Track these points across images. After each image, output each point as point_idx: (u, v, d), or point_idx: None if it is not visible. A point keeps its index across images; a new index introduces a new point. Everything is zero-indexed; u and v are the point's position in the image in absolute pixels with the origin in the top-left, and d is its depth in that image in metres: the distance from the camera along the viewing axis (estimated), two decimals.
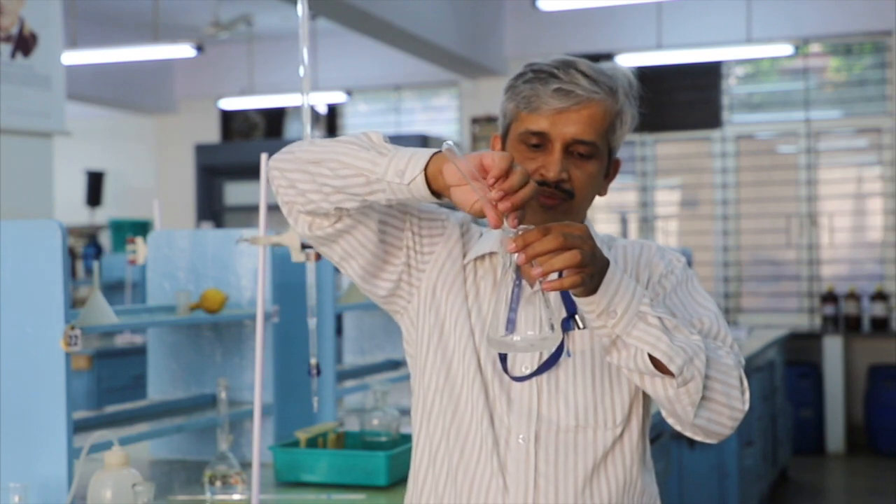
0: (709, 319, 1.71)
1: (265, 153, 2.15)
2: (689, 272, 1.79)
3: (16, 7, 5.33)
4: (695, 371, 1.58)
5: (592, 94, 1.72)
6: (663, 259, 1.78)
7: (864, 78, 8.43)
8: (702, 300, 1.75)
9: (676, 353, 1.55)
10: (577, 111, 1.72)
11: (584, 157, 1.73)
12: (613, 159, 1.81)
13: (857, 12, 8.10)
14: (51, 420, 2.28)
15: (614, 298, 1.53)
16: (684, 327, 1.59)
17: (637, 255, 1.80)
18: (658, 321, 1.55)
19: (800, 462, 7.68)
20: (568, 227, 1.47)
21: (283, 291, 3.04)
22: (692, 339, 1.59)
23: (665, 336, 1.55)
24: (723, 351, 1.65)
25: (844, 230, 8.50)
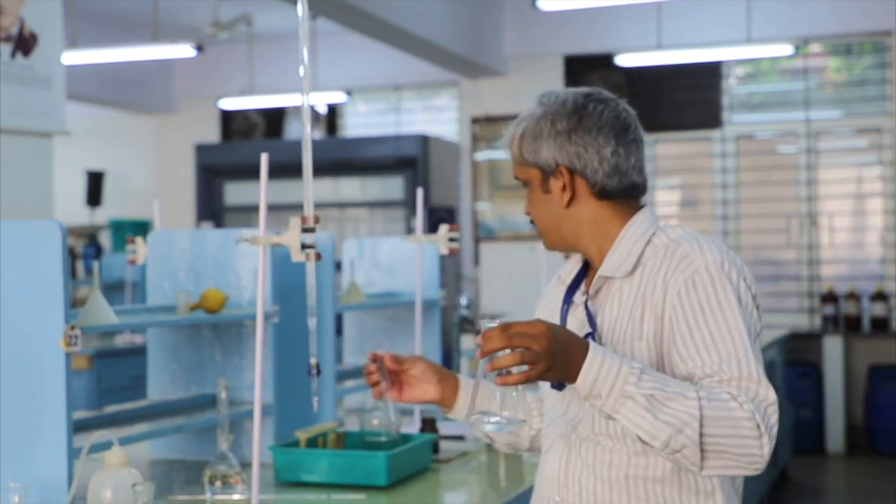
0: (724, 358, 1.74)
1: (265, 153, 2.15)
2: (718, 284, 1.80)
3: (16, 7, 5.32)
4: (685, 440, 1.67)
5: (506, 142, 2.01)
6: (686, 269, 1.82)
7: (864, 78, 8.43)
8: (725, 326, 1.77)
9: (660, 429, 1.66)
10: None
11: (526, 187, 1.98)
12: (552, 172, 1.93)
13: (857, 12, 8.10)
14: (51, 420, 2.28)
15: (596, 384, 1.67)
16: (678, 393, 1.68)
17: (664, 258, 1.86)
18: (644, 399, 1.67)
19: (800, 462, 7.68)
20: (523, 327, 1.65)
21: (283, 291, 3.04)
22: (684, 408, 1.67)
23: (649, 414, 1.66)
24: (735, 403, 1.69)
25: (844, 230, 8.50)
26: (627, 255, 1.88)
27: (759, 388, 1.73)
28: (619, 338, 1.84)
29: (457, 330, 4.79)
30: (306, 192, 2.30)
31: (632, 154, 1.95)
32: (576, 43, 8.80)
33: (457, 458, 3.03)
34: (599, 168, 1.91)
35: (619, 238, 1.91)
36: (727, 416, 1.68)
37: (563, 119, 1.92)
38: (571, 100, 1.95)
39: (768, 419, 1.71)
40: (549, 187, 1.93)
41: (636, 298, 1.85)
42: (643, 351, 1.81)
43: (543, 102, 1.97)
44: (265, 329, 2.48)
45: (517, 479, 2.81)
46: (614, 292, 1.88)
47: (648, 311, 1.83)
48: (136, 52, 7.58)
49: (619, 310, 1.87)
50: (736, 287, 1.81)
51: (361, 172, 9.02)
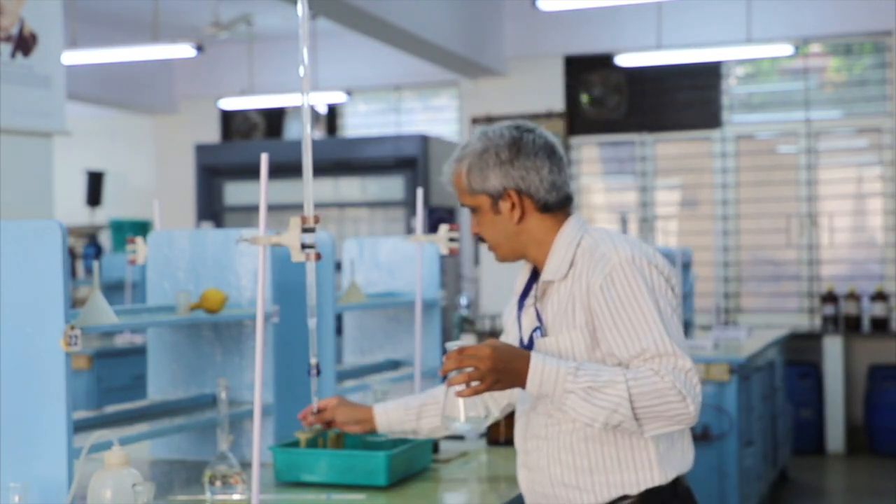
0: (648, 342, 2.12)
1: (265, 153, 2.15)
2: (631, 277, 2.17)
3: (16, 7, 5.33)
4: (620, 417, 2.08)
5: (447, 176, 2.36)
6: (605, 268, 2.18)
7: (864, 78, 8.43)
8: (641, 313, 2.14)
9: (598, 413, 2.08)
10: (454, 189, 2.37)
11: (474, 212, 2.36)
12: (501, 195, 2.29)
13: (857, 12, 8.10)
14: (51, 420, 2.28)
15: (542, 386, 2.10)
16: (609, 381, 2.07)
17: (588, 260, 2.22)
18: (582, 392, 2.08)
19: (800, 462, 7.68)
20: (472, 350, 2.09)
21: (283, 291, 3.04)
22: (615, 392, 2.07)
23: (587, 404, 2.08)
24: (657, 377, 2.08)
25: (844, 230, 8.50)
26: (562, 260, 2.26)
27: (676, 360, 2.10)
28: (558, 328, 2.23)
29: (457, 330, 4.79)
30: (306, 192, 2.30)
31: (562, 171, 2.32)
32: (576, 43, 8.80)
33: (457, 458, 3.03)
34: (541, 186, 2.29)
35: (553, 245, 2.29)
36: (652, 390, 2.07)
37: (505, 150, 2.28)
38: (508, 133, 2.29)
39: (689, 382, 2.10)
40: (498, 209, 2.31)
41: (569, 296, 2.23)
42: (578, 337, 2.20)
43: (482, 139, 2.30)
44: (265, 329, 2.48)
45: (517, 479, 2.81)
46: (553, 293, 2.27)
47: (578, 305, 2.20)
48: (136, 52, 7.58)
49: (557, 306, 2.25)
50: (647, 277, 2.18)
51: (361, 172, 9.02)
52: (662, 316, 2.14)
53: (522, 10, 8.70)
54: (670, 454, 2.23)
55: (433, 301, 3.92)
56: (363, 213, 9.18)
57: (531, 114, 8.92)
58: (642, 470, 2.20)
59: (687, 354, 2.12)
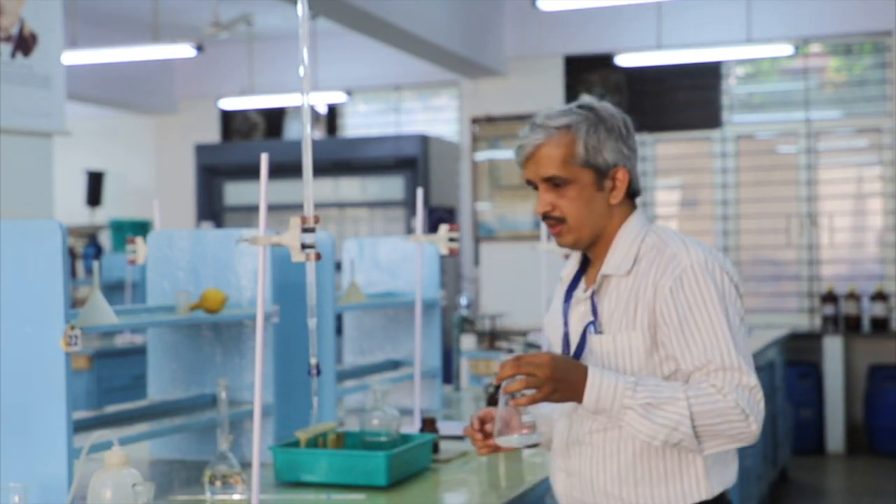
0: (713, 354, 2.03)
1: (265, 153, 2.15)
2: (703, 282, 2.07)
3: (16, 7, 5.33)
4: (680, 435, 2.00)
5: (536, 141, 2.15)
6: (675, 270, 2.08)
7: (864, 78, 8.43)
8: (710, 322, 2.05)
9: (658, 431, 2.00)
10: (534, 158, 2.16)
11: (561, 186, 2.15)
12: (611, 173, 2.16)
13: (857, 12, 8.10)
14: (51, 420, 2.28)
15: (599, 402, 2.01)
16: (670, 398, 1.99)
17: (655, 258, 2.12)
18: (641, 408, 2.00)
19: (800, 462, 7.68)
20: (530, 358, 2.00)
21: (283, 291, 3.04)
22: (676, 409, 1.99)
23: (647, 421, 2.00)
24: (719, 395, 2.00)
25: (844, 230, 8.50)
26: (625, 255, 2.14)
27: (741, 377, 2.02)
28: (616, 326, 2.12)
29: (457, 330, 4.79)
30: (306, 192, 2.30)
31: None
32: (576, 43, 8.80)
33: (457, 458, 3.03)
34: (635, 171, 2.20)
35: (618, 237, 2.17)
36: (714, 409, 1.99)
37: (622, 125, 2.18)
38: (618, 112, 2.20)
39: (752, 400, 2.01)
40: (602, 185, 2.16)
41: (631, 294, 2.11)
42: (638, 338, 2.09)
43: (594, 110, 2.17)
44: (265, 329, 2.48)
45: (517, 479, 2.81)
46: (612, 288, 2.15)
47: (641, 305, 2.09)
48: (136, 52, 7.58)
49: (616, 303, 2.13)
50: (719, 283, 2.08)
51: (361, 172, 9.02)
52: (731, 327, 2.05)
53: (522, 10, 8.70)
54: (718, 468, 2.14)
55: (433, 301, 3.92)
56: (363, 213, 9.18)
57: (531, 114, 8.89)
58: (689, 483, 2.11)
59: (752, 370, 2.03)
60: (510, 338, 6.51)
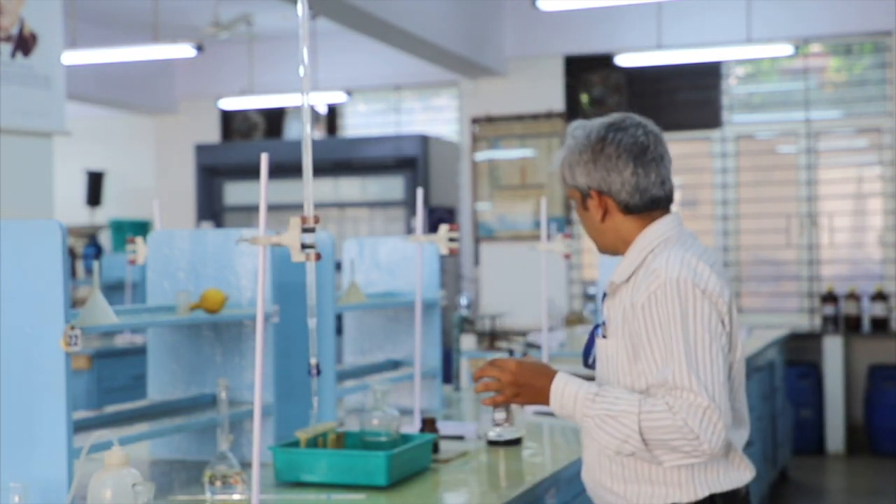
0: (664, 370, 2.12)
1: (265, 153, 2.15)
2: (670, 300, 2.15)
3: (16, 7, 5.33)
4: (631, 448, 2.14)
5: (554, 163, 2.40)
6: (650, 286, 2.18)
7: (864, 78, 8.43)
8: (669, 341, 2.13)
9: (609, 442, 2.15)
10: None
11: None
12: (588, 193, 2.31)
13: (857, 12, 8.10)
14: (51, 420, 2.28)
15: (562, 408, 2.20)
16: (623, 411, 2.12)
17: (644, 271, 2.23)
18: (598, 419, 2.14)
19: (800, 462, 7.68)
20: (499, 362, 2.24)
21: (283, 291, 3.04)
22: (626, 423, 2.11)
23: (601, 431, 2.14)
24: (670, 413, 2.09)
25: (844, 230, 8.50)
26: (629, 264, 2.28)
27: (693, 397, 2.09)
28: (612, 332, 2.27)
29: (457, 330, 4.79)
30: (306, 192, 2.31)
31: (651, 172, 2.28)
32: (576, 43, 8.80)
33: (457, 458, 3.03)
34: (622, 189, 2.26)
35: (630, 247, 2.30)
36: (663, 425, 2.10)
37: (588, 150, 2.28)
38: (596, 133, 2.28)
39: (704, 420, 2.08)
40: (586, 205, 2.33)
41: (623, 303, 2.26)
42: (622, 347, 2.23)
43: (575, 136, 2.32)
44: (265, 329, 2.48)
45: (517, 479, 2.81)
46: (617, 295, 2.30)
47: (625, 317, 2.23)
48: (136, 52, 7.58)
49: (615, 310, 2.29)
50: (685, 301, 2.14)
51: (361, 172, 9.02)
52: (688, 347, 2.11)
53: (522, 10, 8.70)
54: (705, 474, 2.22)
55: (433, 301, 3.92)
56: (363, 213, 9.18)
57: (531, 114, 8.92)
58: (671, 486, 2.22)
59: (706, 390, 2.08)
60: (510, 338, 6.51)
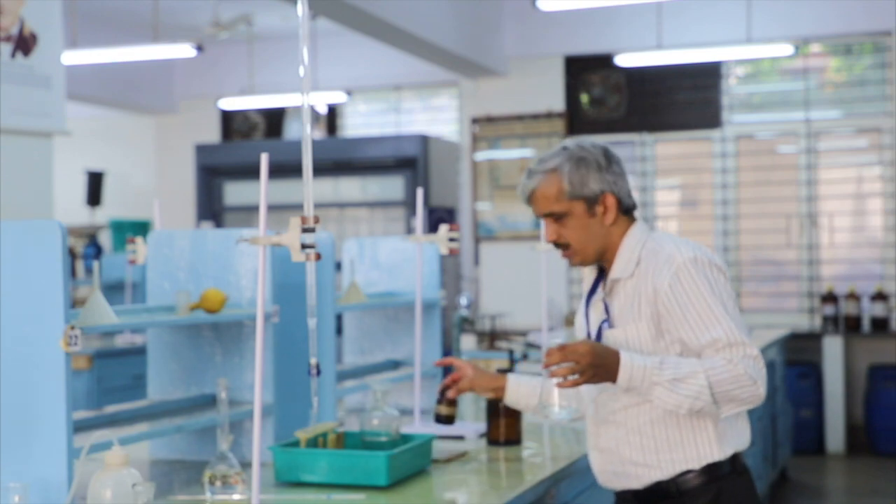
0: (718, 333, 2.38)
1: (265, 153, 2.15)
2: (696, 275, 2.42)
3: (16, 7, 5.33)
4: (701, 404, 2.35)
5: (532, 186, 2.54)
6: (671, 268, 2.43)
7: (864, 78, 8.43)
8: (709, 308, 2.40)
9: (682, 401, 2.35)
10: (534, 199, 2.56)
11: (559, 218, 2.54)
12: (597, 199, 2.51)
13: (857, 12, 8.10)
14: (51, 420, 2.28)
15: (631, 380, 2.37)
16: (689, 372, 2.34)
17: (653, 260, 2.47)
18: (668, 383, 2.35)
19: (800, 462, 7.68)
20: (573, 346, 2.34)
21: (283, 291, 3.04)
22: (696, 381, 2.34)
23: (673, 394, 2.35)
24: (731, 365, 2.35)
25: (844, 230, 8.50)
26: (628, 260, 2.51)
27: (745, 349, 2.37)
28: (624, 321, 2.48)
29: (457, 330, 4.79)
30: (306, 192, 2.30)
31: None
32: (576, 43, 8.80)
33: (457, 458, 3.03)
34: (624, 192, 2.54)
35: (621, 246, 2.52)
36: (727, 377, 2.34)
37: (602, 157, 2.52)
38: (592, 146, 2.54)
39: (756, 366, 2.37)
40: (594, 212, 2.52)
41: (634, 292, 2.48)
42: (644, 328, 2.45)
43: (571, 151, 2.52)
44: (265, 329, 2.48)
45: (517, 479, 2.81)
46: (620, 289, 2.52)
47: (644, 300, 2.45)
48: (136, 52, 7.58)
49: (623, 301, 2.50)
50: (709, 275, 2.43)
51: (361, 172, 9.02)
52: (727, 309, 2.40)
53: (522, 10, 8.70)
54: (728, 433, 2.47)
55: (433, 301, 3.92)
56: (363, 213, 9.18)
57: (531, 114, 8.92)
58: (703, 446, 2.45)
59: (752, 342, 2.39)
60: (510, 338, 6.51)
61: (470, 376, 2.77)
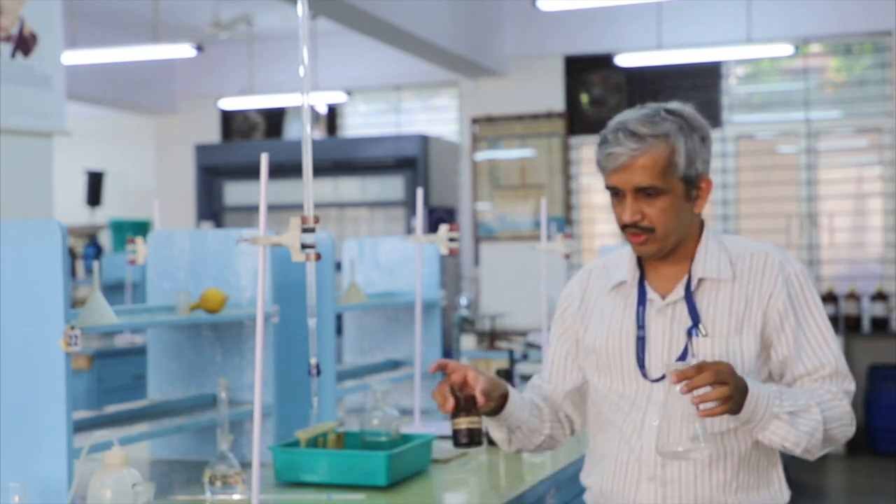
0: (827, 358, 2.11)
1: (265, 153, 2.15)
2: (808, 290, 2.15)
3: (16, 7, 5.33)
4: (815, 441, 2.04)
5: (634, 150, 2.07)
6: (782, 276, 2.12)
7: (864, 78, 8.43)
8: (820, 328, 2.14)
9: (801, 438, 2.03)
10: (630, 166, 2.08)
11: (653, 195, 2.09)
12: (699, 182, 2.14)
13: (857, 12, 8.10)
14: (51, 420, 2.28)
15: (755, 412, 1.99)
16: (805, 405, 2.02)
17: (752, 263, 2.15)
18: (788, 416, 2.01)
19: (800, 462, 7.68)
20: (719, 366, 1.91)
21: (283, 291, 3.04)
22: (812, 417, 2.03)
23: (792, 429, 2.02)
24: (837, 401, 2.08)
25: (844, 230, 8.50)
26: (717, 258, 2.16)
27: (847, 383, 2.12)
28: (724, 331, 2.10)
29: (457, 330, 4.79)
30: (306, 192, 2.30)
31: None
32: (576, 43, 8.80)
33: (457, 458, 3.03)
34: None
35: (702, 242, 2.18)
36: (835, 414, 2.07)
37: (709, 134, 2.18)
38: (697, 116, 2.19)
39: (850, 404, 2.11)
40: (690, 195, 2.15)
41: (738, 297, 2.11)
42: (750, 342, 2.09)
43: (685, 117, 2.17)
44: (265, 329, 2.48)
45: (517, 479, 2.81)
46: (710, 291, 2.14)
47: (755, 309, 2.10)
48: (136, 52, 7.58)
49: (720, 307, 2.12)
50: (815, 290, 2.16)
51: (361, 172, 9.02)
52: (832, 333, 2.14)
53: (522, 10, 8.70)
54: (783, 474, 2.24)
55: (433, 301, 3.92)
56: (363, 213, 9.18)
57: (531, 114, 8.92)
58: (774, 489, 2.21)
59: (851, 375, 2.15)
60: (510, 337, 6.51)
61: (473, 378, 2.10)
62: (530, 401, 2.25)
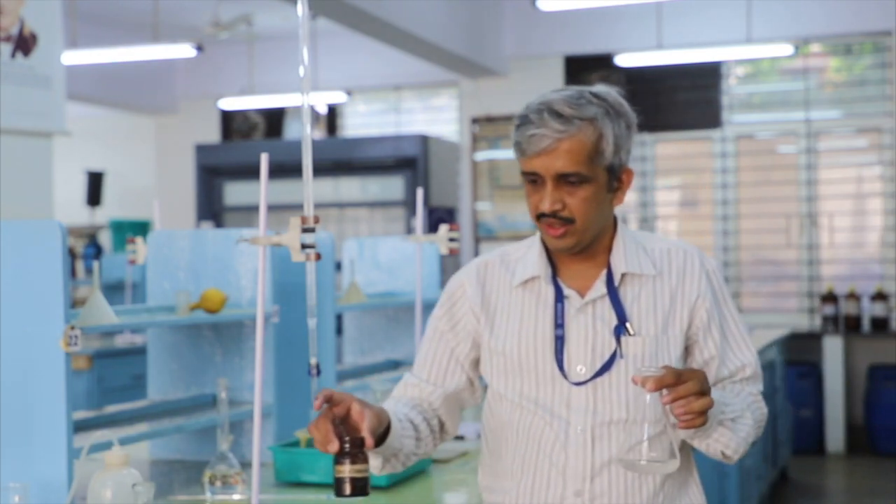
0: (748, 360, 2.02)
1: (265, 153, 2.15)
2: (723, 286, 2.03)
3: (16, 7, 5.33)
4: (747, 447, 1.95)
5: (561, 133, 1.90)
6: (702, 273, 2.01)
7: (864, 78, 8.43)
8: (737, 327, 2.03)
9: (740, 445, 1.93)
10: (554, 150, 1.90)
11: (575, 184, 1.91)
12: (621, 173, 1.97)
13: (857, 12, 8.10)
14: (51, 420, 2.28)
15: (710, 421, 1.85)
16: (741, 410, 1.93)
17: (672, 259, 2.02)
18: (731, 423, 1.91)
19: (800, 462, 7.68)
20: (696, 374, 1.78)
21: (283, 291, 3.04)
22: (746, 423, 1.94)
23: (734, 436, 1.91)
24: (759, 403, 2.00)
25: (844, 230, 8.50)
26: (634, 253, 2.00)
27: (761, 384, 2.04)
28: (649, 330, 1.96)
29: None
30: (306, 192, 2.30)
31: None
32: (576, 43, 8.80)
33: (457, 458, 3.03)
34: None
35: (618, 237, 2.01)
36: (760, 418, 2.00)
37: (631, 122, 1.97)
38: (624, 102, 1.98)
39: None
40: (612, 186, 1.97)
41: (662, 295, 1.98)
42: (677, 341, 1.97)
43: (616, 103, 1.96)
44: (265, 329, 2.48)
45: None
46: (634, 288, 1.99)
47: (680, 307, 1.98)
48: (136, 52, 7.58)
49: (645, 304, 1.97)
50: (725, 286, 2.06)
51: (361, 172, 9.02)
52: (746, 333, 2.05)
53: (522, 10, 8.70)
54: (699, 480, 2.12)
55: (433, 301, 3.91)
56: (363, 213, 9.18)
57: None
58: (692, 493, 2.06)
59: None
60: None
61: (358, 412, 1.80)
62: (409, 420, 2.00)
